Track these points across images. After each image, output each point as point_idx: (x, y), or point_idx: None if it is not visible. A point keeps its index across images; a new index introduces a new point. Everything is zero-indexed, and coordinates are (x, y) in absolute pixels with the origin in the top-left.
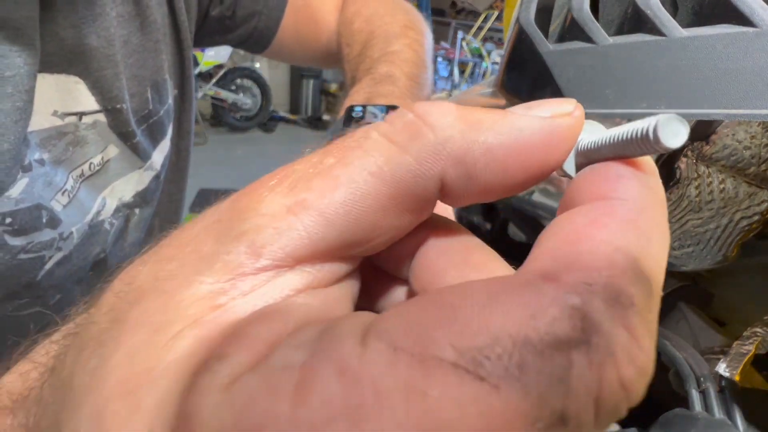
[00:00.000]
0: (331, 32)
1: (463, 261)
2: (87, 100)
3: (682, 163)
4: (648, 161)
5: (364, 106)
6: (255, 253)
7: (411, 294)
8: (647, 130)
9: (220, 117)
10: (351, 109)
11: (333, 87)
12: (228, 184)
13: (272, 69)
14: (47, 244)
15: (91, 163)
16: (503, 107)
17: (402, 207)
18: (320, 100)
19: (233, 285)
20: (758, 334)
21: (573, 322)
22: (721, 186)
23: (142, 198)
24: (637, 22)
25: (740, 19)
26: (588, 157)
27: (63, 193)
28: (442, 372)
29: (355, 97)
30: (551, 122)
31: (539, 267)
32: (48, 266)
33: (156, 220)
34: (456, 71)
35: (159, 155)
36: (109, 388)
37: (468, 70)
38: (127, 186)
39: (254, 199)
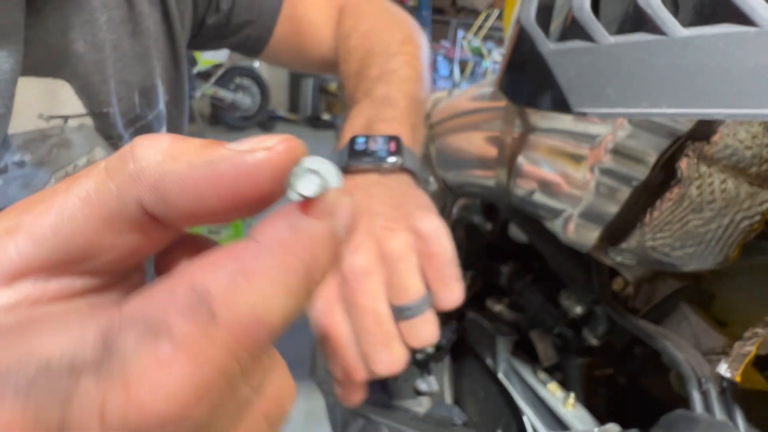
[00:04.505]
0: (327, 45)
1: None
2: (73, 104)
3: (683, 163)
4: (327, 202)
5: (366, 138)
6: None
7: None
8: (288, 181)
9: (219, 116)
10: (353, 141)
11: (332, 86)
12: None
13: (271, 68)
14: None
15: (75, 165)
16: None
17: (115, 227)
18: (320, 100)
19: None
20: (759, 334)
21: (94, 349)
22: (723, 186)
23: None
24: (638, 21)
25: (741, 18)
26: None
27: None
28: None
29: (355, 121)
30: (241, 155)
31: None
32: None
33: None
34: (456, 70)
35: None
36: None
37: (468, 69)
38: None
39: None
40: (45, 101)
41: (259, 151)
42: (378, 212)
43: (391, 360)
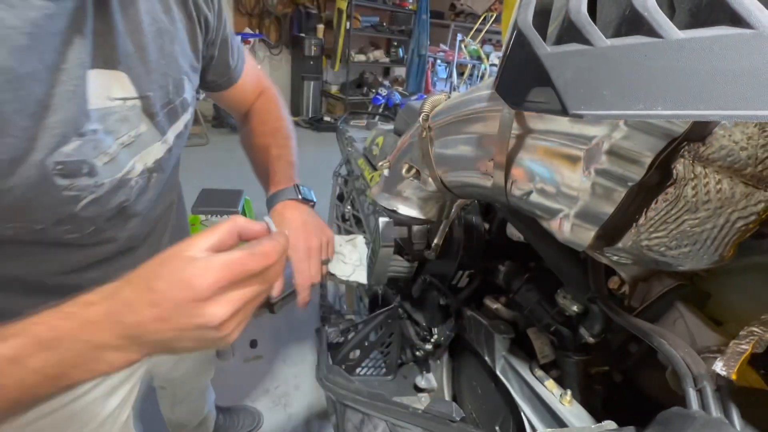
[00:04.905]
0: (246, 110)
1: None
2: (129, 90)
3: (679, 164)
4: (280, 231)
5: (303, 187)
6: (204, 246)
7: None
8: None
9: (222, 118)
10: (298, 187)
11: (333, 89)
12: (229, 184)
13: (273, 70)
14: (84, 188)
15: (129, 135)
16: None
17: (232, 239)
18: (321, 102)
19: (197, 248)
20: (755, 333)
21: (253, 245)
22: (718, 186)
23: (159, 165)
24: (635, 23)
25: (737, 20)
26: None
27: (105, 155)
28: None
29: (286, 173)
30: (260, 227)
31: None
32: (83, 203)
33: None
34: (455, 73)
35: (172, 133)
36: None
37: (466, 72)
38: (150, 154)
39: (206, 231)
40: (111, 87)
41: (262, 225)
42: (312, 225)
43: (319, 275)
